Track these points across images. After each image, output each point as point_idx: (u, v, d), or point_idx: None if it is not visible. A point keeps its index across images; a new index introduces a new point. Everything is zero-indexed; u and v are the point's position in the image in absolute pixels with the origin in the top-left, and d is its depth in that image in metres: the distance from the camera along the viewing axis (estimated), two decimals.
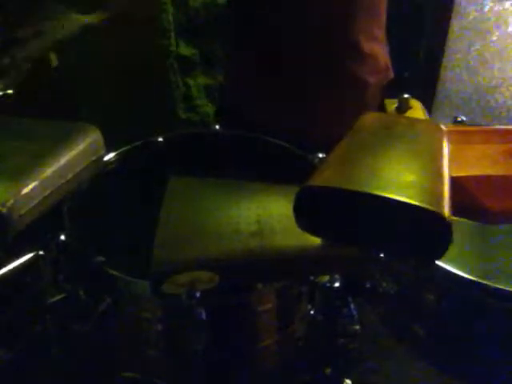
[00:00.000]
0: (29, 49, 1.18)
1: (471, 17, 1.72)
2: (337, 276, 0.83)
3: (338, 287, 0.83)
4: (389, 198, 0.59)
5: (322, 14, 1.18)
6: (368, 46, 1.23)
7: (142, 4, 1.42)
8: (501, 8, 1.68)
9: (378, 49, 1.28)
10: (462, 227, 0.86)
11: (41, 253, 0.85)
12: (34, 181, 0.76)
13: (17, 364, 1.01)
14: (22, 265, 0.84)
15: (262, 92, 1.27)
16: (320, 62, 1.22)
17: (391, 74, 1.31)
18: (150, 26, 1.44)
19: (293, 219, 0.65)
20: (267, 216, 0.84)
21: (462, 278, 0.92)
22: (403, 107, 0.94)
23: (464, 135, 0.99)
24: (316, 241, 0.74)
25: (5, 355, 1.01)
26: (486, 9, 1.70)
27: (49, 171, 0.80)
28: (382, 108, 1.21)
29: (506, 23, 1.68)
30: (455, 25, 1.65)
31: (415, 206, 0.58)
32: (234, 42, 1.35)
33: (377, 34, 1.27)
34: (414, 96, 1.17)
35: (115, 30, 1.40)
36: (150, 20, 1.44)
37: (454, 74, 1.69)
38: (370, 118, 0.83)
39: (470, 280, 0.91)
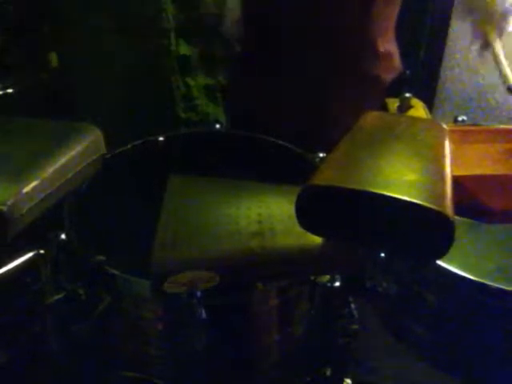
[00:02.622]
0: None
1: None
2: (337, 276, 0.83)
3: (338, 287, 0.83)
4: (391, 197, 0.58)
5: (336, 15, 1.19)
6: (383, 47, 1.26)
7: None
8: None
9: (392, 48, 1.31)
10: (462, 226, 0.86)
11: (41, 252, 0.85)
12: (34, 180, 0.76)
13: (17, 364, 1.01)
14: (22, 264, 0.84)
15: (273, 93, 1.27)
16: (334, 61, 1.23)
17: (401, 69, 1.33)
18: (150, 25, 1.44)
19: (293, 219, 0.65)
20: (267, 216, 0.84)
21: (462, 277, 0.92)
22: (405, 106, 0.94)
23: (465, 134, 0.99)
24: (316, 241, 0.74)
25: (4, 355, 1.01)
26: None
27: (49, 171, 0.79)
28: (383, 107, 1.21)
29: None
30: (455, 25, 1.65)
31: (418, 204, 0.58)
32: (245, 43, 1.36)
33: (391, 35, 1.30)
34: (415, 96, 1.17)
35: (115, 30, 1.40)
36: (150, 20, 1.44)
37: (454, 74, 1.69)
38: (371, 118, 0.83)
39: (470, 280, 0.91)
